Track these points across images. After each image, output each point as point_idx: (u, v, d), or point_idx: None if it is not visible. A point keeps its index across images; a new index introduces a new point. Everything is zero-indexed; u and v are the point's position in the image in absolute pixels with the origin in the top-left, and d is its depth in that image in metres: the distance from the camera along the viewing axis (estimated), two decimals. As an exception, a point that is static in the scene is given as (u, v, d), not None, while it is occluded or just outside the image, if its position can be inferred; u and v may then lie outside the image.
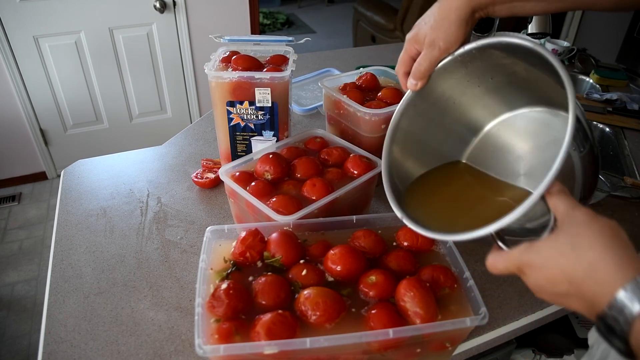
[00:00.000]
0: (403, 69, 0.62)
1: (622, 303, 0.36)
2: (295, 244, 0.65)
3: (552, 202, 0.44)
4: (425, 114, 0.65)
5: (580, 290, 0.39)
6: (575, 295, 0.40)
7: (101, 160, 1.11)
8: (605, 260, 0.38)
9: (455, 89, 0.62)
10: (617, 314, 0.36)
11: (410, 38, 0.60)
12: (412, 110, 0.63)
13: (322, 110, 1.30)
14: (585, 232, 0.40)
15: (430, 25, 0.57)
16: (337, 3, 6.06)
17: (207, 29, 2.52)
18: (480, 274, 0.80)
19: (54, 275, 0.79)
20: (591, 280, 0.38)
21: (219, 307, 0.55)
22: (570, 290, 0.40)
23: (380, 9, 3.40)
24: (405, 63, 0.62)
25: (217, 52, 0.94)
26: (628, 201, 1.02)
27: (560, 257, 0.40)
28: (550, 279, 0.41)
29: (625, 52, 2.38)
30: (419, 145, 0.67)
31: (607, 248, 0.38)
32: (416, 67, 0.59)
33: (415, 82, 0.60)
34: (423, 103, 0.63)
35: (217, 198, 0.98)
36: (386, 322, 0.55)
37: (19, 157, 2.49)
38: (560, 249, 0.40)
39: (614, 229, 0.40)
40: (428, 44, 0.57)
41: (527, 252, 0.43)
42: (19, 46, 2.23)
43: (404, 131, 0.64)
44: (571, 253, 0.40)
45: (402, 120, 0.63)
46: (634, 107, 1.42)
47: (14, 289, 1.95)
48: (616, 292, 0.36)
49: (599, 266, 0.38)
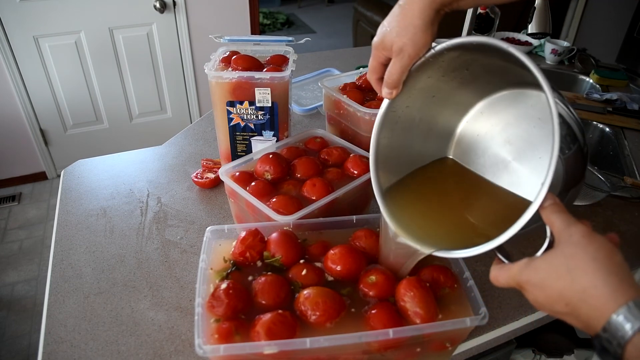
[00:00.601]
0: (375, 76, 0.61)
1: (615, 327, 0.37)
2: (295, 244, 0.65)
3: (547, 217, 0.44)
4: (406, 116, 0.64)
5: (576, 311, 0.41)
6: (571, 315, 0.41)
7: (101, 160, 1.11)
8: (597, 287, 0.39)
9: (431, 86, 0.61)
10: (610, 337, 0.38)
11: (378, 45, 0.58)
12: (392, 116, 0.62)
13: (322, 110, 1.30)
14: (579, 254, 0.41)
15: (396, 32, 0.55)
16: (337, 3, 6.06)
17: (207, 29, 2.52)
18: (480, 274, 0.80)
19: (54, 275, 0.79)
20: (585, 305, 0.39)
21: (219, 307, 0.55)
22: (567, 310, 0.41)
23: (380, 9, 3.40)
24: (376, 70, 0.60)
25: (217, 52, 0.94)
26: (628, 201, 1.02)
27: (557, 278, 0.41)
28: (548, 298, 0.42)
29: (625, 52, 2.38)
30: (404, 150, 0.66)
31: (601, 273, 0.39)
32: (388, 77, 0.58)
33: (389, 91, 0.59)
34: (402, 105, 0.62)
35: (217, 198, 0.98)
36: (386, 322, 0.55)
37: (19, 157, 2.50)
38: (557, 270, 0.41)
39: (609, 251, 0.40)
40: (396, 52, 0.56)
41: (526, 271, 0.44)
42: (19, 46, 2.23)
43: (386, 139, 0.63)
44: (567, 276, 0.41)
45: (383, 130, 0.62)
46: (634, 107, 1.42)
47: (14, 289, 1.95)
48: (609, 317, 0.38)
49: (592, 292, 0.39)
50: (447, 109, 0.66)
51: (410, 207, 0.62)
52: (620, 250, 0.41)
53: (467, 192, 0.64)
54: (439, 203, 0.64)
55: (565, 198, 0.56)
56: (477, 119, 0.66)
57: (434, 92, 0.62)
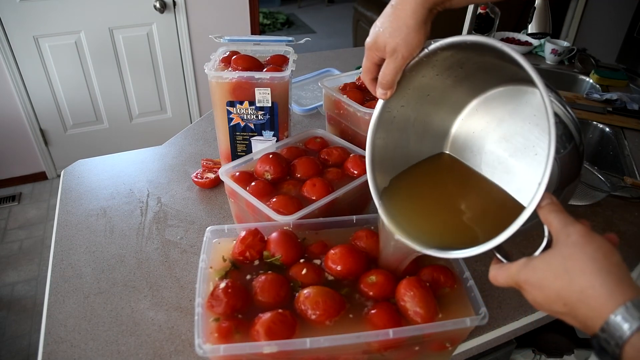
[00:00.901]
0: (369, 76, 0.61)
1: (613, 327, 0.38)
2: (295, 243, 0.65)
3: (544, 216, 0.45)
4: (401, 116, 0.64)
5: (574, 311, 0.41)
6: (570, 315, 0.42)
7: (101, 160, 1.11)
8: (595, 288, 0.39)
9: (426, 85, 0.61)
10: (608, 337, 0.38)
11: (371, 45, 0.58)
12: (387, 116, 0.63)
13: (322, 110, 1.30)
14: (577, 255, 0.41)
15: (389, 32, 0.55)
16: (337, 3, 6.06)
17: (207, 29, 2.52)
18: (480, 274, 0.80)
19: (54, 275, 0.79)
20: (583, 305, 0.40)
21: (218, 306, 0.55)
22: (565, 310, 0.42)
23: (380, 9, 3.35)
24: (370, 71, 0.60)
25: (217, 52, 0.94)
26: (628, 201, 1.02)
27: (554, 279, 0.41)
28: (547, 298, 0.43)
29: (625, 52, 2.38)
30: (400, 150, 0.66)
31: (599, 273, 0.39)
32: (382, 78, 0.58)
33: (384, 92, 0.59)
34: (396, 105, 0.62)
35: (217, 198, 0.98)
36: (386, 321, 0.55)
37: (19, 157, 2.50)
38: (555, 271, 0.42)
39: (607, 251, 0.40)
40: (390, 52, 0.55)
41: (525, 270, 0.44)
42: (19, 46, 2.23)
43: (382, 140, 0.63)
44: (565, 276, 0.41)
45: (378, 131, 0.62)
46: (634, 107, 1.42)
47: (14, 289, 1.95)
48: (607, 317, 0.38)
49: (590, 293, 0.39)
50: (443, 108, 0.66)
51: (406, 207, 0.62)
52: (620, 250, 0.41)
53: (463, 189, 0.64)
54: (436, 201, 0.64)
55: (561, 195, 0.56)
56: (472, 117, 0.66)
57: (429, 91, 0.62)
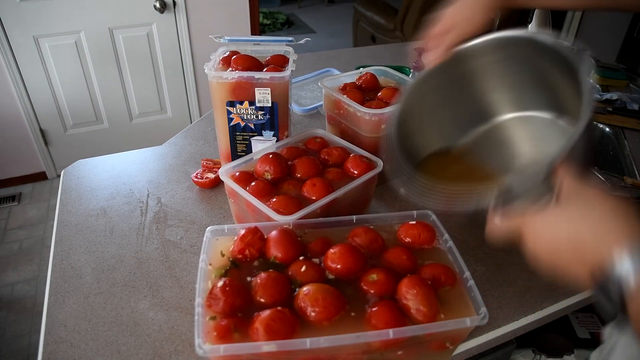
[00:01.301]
0: (431, 42, 0.68)
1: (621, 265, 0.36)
2: (295, 242, 0.65)
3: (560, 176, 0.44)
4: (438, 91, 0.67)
5: (582, 251, 0.40)
6: (575, 257, 0.40)
7: (101, 160, 1.11)
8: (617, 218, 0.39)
9: (475, 74, 0.65)
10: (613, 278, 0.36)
11: (439, 16, 0.66)
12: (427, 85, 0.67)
13: (322, 110, 1.30)
14: (596, 199, 0.41)
15: (459, 7, 0.64)
16: (337, 3, 6.06)
17: (207, 29, 2.52)
18: (480, 274, 0.80)
19: (54, 275, 0.79)
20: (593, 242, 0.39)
21: (216, 304, 0.55)
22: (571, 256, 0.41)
23: (380, 9, 3.39)
24: (431, 38, 0.68)
25: (217, 52, 0.94)
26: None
27: (567, 222, 0.41)
28: (553, 243, 0.42)
29: (625, 52, 2.38)
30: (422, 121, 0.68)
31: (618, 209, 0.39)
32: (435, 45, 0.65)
33: (433, 58, 0.66)
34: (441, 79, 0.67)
35: (217, 198, 0.98)
36: (388, 320, 0.55)
37: (19, 157, 2.49)
38: (569, 215, 0.41)
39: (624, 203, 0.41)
40: (451, 25, 0.64)
41: (533, 218, 0.44)
42: (19, 46, 2.22)
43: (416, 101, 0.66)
44: (578, 217, 0.41)
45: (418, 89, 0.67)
46: (634, 107, 1.42)
47: (14, 289, 1.95)
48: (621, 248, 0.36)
49: (609, 216, 0.39)
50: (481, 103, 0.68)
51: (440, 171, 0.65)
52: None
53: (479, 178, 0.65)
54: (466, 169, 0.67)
55: None
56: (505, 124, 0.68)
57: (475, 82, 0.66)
